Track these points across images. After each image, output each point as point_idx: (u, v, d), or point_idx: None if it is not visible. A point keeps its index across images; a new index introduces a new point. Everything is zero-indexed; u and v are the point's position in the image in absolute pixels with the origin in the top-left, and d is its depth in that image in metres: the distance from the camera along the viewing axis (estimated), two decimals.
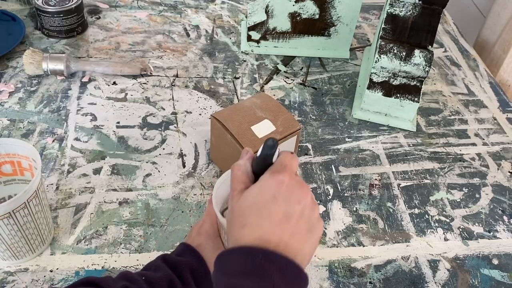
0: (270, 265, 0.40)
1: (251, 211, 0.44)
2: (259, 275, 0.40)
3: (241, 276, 0.40)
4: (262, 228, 0.42)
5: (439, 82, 1.08)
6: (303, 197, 0.45)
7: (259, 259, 0.40)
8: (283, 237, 0.42)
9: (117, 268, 0.69)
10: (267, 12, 1.03)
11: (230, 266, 0.42)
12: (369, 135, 0.94)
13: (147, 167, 0.83)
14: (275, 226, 0.43)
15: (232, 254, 0.42)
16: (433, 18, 0.91)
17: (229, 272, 0.41)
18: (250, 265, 0.40)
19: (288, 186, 0.45)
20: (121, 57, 1.05)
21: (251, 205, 0.44)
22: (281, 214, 0.43)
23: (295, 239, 0.43)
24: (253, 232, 0.42)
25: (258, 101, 0.80)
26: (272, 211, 0.43)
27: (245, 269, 0.40)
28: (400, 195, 0.83)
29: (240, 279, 0.40)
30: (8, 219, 0.60)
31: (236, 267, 0.41)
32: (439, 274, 0.73)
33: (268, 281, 0.39)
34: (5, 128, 0.87)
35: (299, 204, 0.45)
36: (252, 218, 0.43)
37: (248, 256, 0.41)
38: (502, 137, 0.96)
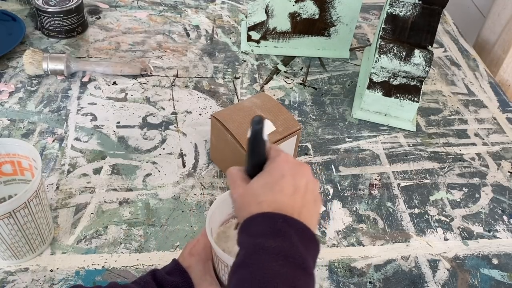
0: (289, 228, 0.45)
1: (264, 189, 0.48)
2: (280, 235, 0.44)
3: (265, 236, 0.45)
4: (277, 201, 0.47)
5: (439, 82, 1.09)
6: (306, 172, 0.50)
7: (280, 222, 0.45)
8: (295, 207, 0.47)
9: (117, 268, 0.69)
10: (267, 12, 1.03)
11: (253, 228, 0.46)
12: (369, 135, 0.94)
13: (147, 167, 0.83)
14: (288, 198, 0.47)
15: (255, 219, 0.47)
16: (433, 18, 0.91)
17: (253, 233, 0.46)
18: (272, 227, 0.45)
19: (292, 163, 0.50)
20: (121, 57, 1.05)
21: (263, 185, 0.48)
22: (291, 188, 0.48)
23: (305, 210, 0.48)
24: (271, 205, 0.47)
25: (258, 101, 0.80)
26: (284, 186, 0.48)
27: (267, 231, 0.45)
28: (400, 195, 0.83)
29: (264, 238, 0.45)
30: (8, 219, 0.60)
31: (259, 229, 0.46)
32: (439, 274, 0.73)
33: (289, 241, 0.44)
34: (5, 128, 0.87)
35: (303, 178, 0.49)
36: (266, 194, 0.48)
37: (270, 220, 0.46)
38: (502, 137, 0.96)
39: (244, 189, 0.50)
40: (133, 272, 0.69)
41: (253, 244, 0.45)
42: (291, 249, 0.44)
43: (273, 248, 0.44)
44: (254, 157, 0.51)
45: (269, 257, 0.43)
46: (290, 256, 0.43)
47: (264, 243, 0.44)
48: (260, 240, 0.45)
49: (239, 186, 0.50)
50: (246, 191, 0.49)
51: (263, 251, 0.44)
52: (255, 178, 0.50)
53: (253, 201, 0.48)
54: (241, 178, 0.51)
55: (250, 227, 0.47)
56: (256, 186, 0.49)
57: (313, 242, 0.47)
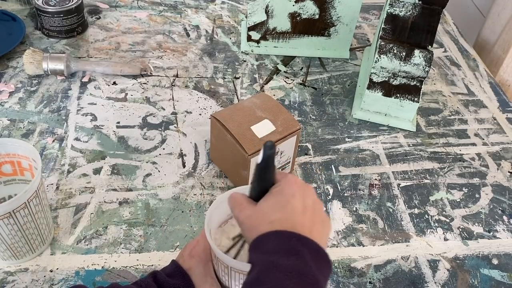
0: (302, 247, 0.45)
1: (275, 209, 0.48)
2: (294, 254, 0.45)
3: (278, 254, 0.45)
4: (289, 220, 0.47)
5: (439, 82, 1.08)
6: (312, 193, 0.51)
7: (294, 241, 0.46)
8: (306, 226, 0.48)
9: (117, 268, 0.69)
10: (267, 12, 1.03)
11: (267, 246, 0.46)
12: (369, 135, 0.94)
13: (147, 167, 0.83)
14: (299, 217, 0.48)
15: (269, 236, 0.47)
16: (433, 18, 0.91)
17: (267, 251, 0.46)
18: (286, 245, 0.45)
19: (300, 184, 0.50)
20: (121, 57, 1.05)
21: (273, 205, 0.49)
22: (301, 207, 0.49)
23: (315, 230, 0.48)
24: (283, 224, 0.47)
25: (258, 101, 0.80)
26: (294, 205, 0.48)
27: (281, 249, 0.45)
28: (400, 195, 0.83)
29: (278, 256, 0.45)
30: (8, 219, 0.60)
31: (273, 247, 0.46)
32: (439, 274, 0.73)
33: (302, 260, 0.44)
34: (5, 128, 0.87)
35: (310, 199, 0.50)
36: (278, 214, 0.48)
37: (283, 238, 0.46)
38: (502, 137, 0.96)
39: (252, 210, 0.49)
40: (133, 272, 0.69)
41: (267, 262, 0.45)
42: (305, 268, 0.44)
43: (287, 266, 0.44)
44: (264, 182, 0.50)
45: (283, 275, 0.43)
46: (304, 275, 0.44)
47: (278, 260, 0.44)
48: (274, 258, 0.44)
49: (245, 208, 0.50)
50: (255, 212, 0.49)
51: (277, 269, 0.44)
52: (263, 199, 0.50)
53: (264, 221, 0.48)
54: (247, 201, 0.51)
55: (264, 245, 0.46)
56: (266, 206, 0.49)
57: (325, 261, 0.47)
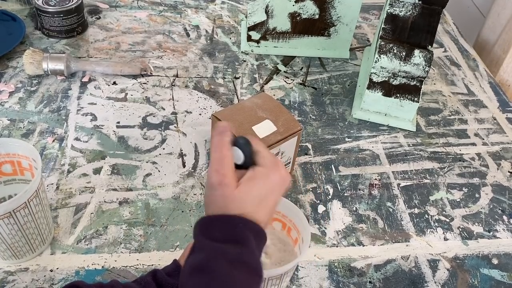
0: (248, 232, 0.47)
1: (253, 202, 0.48)
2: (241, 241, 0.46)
3: (225, 242, 0.46)
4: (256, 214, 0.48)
5: (439, 82, 1.09)
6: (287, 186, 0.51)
7: (240, 227, 0.47)
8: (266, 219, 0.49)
9: (117, 267, 0.69)
10: (267, 12, 1.04)
11: (214, 231, 0.47)
12: (369, 135, 0.94)
13: (147, 167, 0.83)
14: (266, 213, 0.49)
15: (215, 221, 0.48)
16: (433, 18, 0.91)
17: (214, 237, 0.46)
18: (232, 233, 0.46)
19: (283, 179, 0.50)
20: (121, 57, 1.05)
21: (254, 197, 0.48)
22: (273, 204, 0.50)
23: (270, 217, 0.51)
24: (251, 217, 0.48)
25: (259, 101, 0.80)
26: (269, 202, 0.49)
27: (228, 236, 0.46)
28: (400, 195, 0.83)
29: (224, 244, 0.45)
30: (8, 219, 0.60)
31: (221, 234, 0.46)
32: (438, 273, 0.73)
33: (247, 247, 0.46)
34: (5, 128, 0.87)
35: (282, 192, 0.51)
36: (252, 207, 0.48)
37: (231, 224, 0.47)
38: (502, 137, 0.96)
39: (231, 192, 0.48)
40: (133, 272, 0.69)
41: (214, 249, 0.45)
42: (250, 256, 0.46)
43: (233, 254, 0.45)
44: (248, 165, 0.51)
45: (229, 263, 0.44)
46: (248, 262, 0.45)
47: (224, 248, 0.45)
48: (220, 246, 0.45)
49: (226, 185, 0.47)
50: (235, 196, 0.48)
51: (223, 257, 0.45)
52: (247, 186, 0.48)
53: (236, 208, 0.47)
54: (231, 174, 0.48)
55: (211, 230, 0.47)
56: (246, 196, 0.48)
57: (263, 239, 0.49)
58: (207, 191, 0.49)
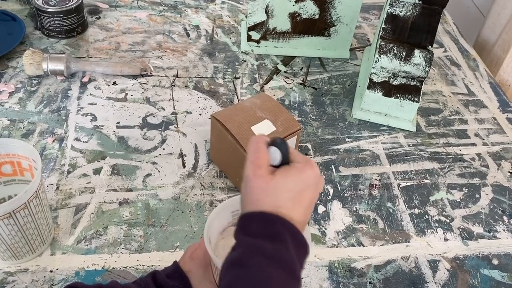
0: (286, 232, 0.46)
1: (288, 196, 0.48)
2: (278, 239, 0.46)
3: (263, 238, 0.46)
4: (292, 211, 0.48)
5: (439, 82, 1.08)
6: (322, 185, 0.53)
7: (278, 226, 0.46)
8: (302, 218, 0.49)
9: (117, 268, 0.69)
10: (267, 12, 1.03)
11: (252, 227, 0.47)
12: (369, 135, 0.94)
13: (147, 167, 0.83)
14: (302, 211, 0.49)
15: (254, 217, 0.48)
16: (433, 18, 0.91)
17: (252, 233, 0.47)
18: (271, 230, 0.46)
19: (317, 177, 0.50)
20: (121, 57, 1.05)
21: (288, 191, 0.48)
22: (308, 201, 0.49)
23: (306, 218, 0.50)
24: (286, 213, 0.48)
25: (258, 101, 0.80)
26: (304, 198, 0.49)
27: (266, 233, 0.46)
28: (400, 195, 0.83)
29: (262, 240, 0.46)
30: (8, 219, 0.60)
31: (258, 230, 0.47)
32: (439, 274, 0.73)
33: (284, 246, 0.46)
34: (5, 128, 0.87)
35: (317, 192, 0.51)
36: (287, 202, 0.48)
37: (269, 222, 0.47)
38: (502, 137, 0.96)
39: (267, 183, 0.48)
40: (133, 273, 0.69)
41: (251, 245, 0.45)
42: (286, 254, 0.45)
43: (270, 251, 0.45)
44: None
45: (266, 260, 0.44)
46: (285, 261, 0.45)
47: (262, 244, 0.45)
48: (258, 241, 0.45)
49: (261, 176, 0.48)
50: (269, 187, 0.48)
51: (261, 253, 0.45)
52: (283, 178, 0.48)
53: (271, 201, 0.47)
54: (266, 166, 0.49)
55: (250, 225, 0.47)
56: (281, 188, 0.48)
57: (303, 246, 0.48)
58: (243, 184, 0.50)
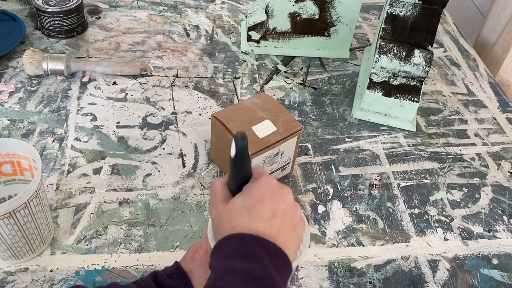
0: (260, 249, 0.45)
1: (241, 213, 0.47)
2: (250, 257, 0.44)
3: (234, 258, 0.44)
4: (252, 226, 0.46)
5: (439, 82, 1.08)
6: (285, 196, 0.49)
7: (250, 244, 0.45)
8: (271, 232, 0.46)
9: (117, 268, 0.69)
10: (267, 12, 1.03)
11: (224, 250, 0.46)
12: (369, 135, 0.94)
13: (147, 167, 0.83)
14: (264, 224, 0.47)
15: (226, 241, 0.46)
16: (433, 18, 0.91)
17: (223, 256, 0.45)
18: (242, 249, 0.45)
19: (272, 187, 0.49)
20: (121, 57, 1.05)
21: (240, 208, 0.48)
22: (268, 213, 0.47)
23: (282, 235, 0.47)
24: (244, 229, 0.46)
25: (258, 101, 0.80)
26: (261, 211, 0.47)
27: (237, 252, 0.45)
28: (400, 195, 0.83)
29: (233, 260, 0.44)
30: (8, 219, 0.60)
31: (230, 251, 0.45)
32: (439, 274, 0.73)
33: (258, 263, 0.44)
34: (5, 128, 0.87)
35: (282, 203, 0.49)
36: (242, 219, 0.47)
37: (240, 241, 0.45)
38: (502, 137, 0.96)
39: (222, 209, 0.49)
40: (133, 272, 0.69)
41: (222, 267, 0.44)
42: (261, 271, 0.43)
43: (241, 269, 0.43)
44: (239, 174, 0.50)
45: (238, 279, 0.42)
46: (260, 278, 0.43)
47: (233, 265, 0.44)
48: (229, 262, 0.44)
49: (218, 205, 0.50)
50: (223, 212, 0.49)
51: (232, 273, 0.43)
52: (233, 200, 0.49)
53: (228, 224, 0.47)
54: (222, 197, 0.50)
55: (221, 249, 0.46)
56: (233, 208, 0.48)
57: (285, 262, 0.46)
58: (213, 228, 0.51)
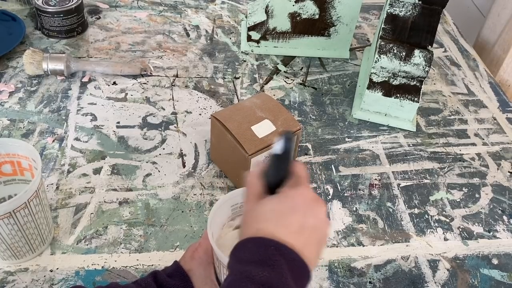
0: (280, 257, 0.43)
1: (269, 217, 0.46)
2: (270, 264, 0.42)
3: (253, 264, 0.43)
4: (277, 234, 0.45)
5: (439, 82, 1.08)
6: (319, 212, 0.48)
7: (271, 250, 0.43)
8: (295, 245, 0.44)
9: (117, 268, 0.69)
10: (267, 12, 1.03)
11: (244, 253, 0.44)
12: (369, 135, 0.94)
13: (147, 167, 0.83)
14: (289, 234, 0.45)
15: (248, 243, 0.45)
16: (433, 18, 0.91)
17: (243, 259, 0.44)
18: (262, 255, 0.43)
19: (307, 200, 0.47)
20: (121, 57, 1.05)
21: (270, 211, 0.46)
22: (297, 225, 0.45)
23: (307, 250, 0.45)
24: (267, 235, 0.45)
25: (258, 101, 0.80)
26: (289, 221, 0.45)
27: (257, 258, 0.43)
28: (400, 195, 0.83)
29: (252, 266, 0.43)
30: (8, 219, 0.60)
31: (249, 255, 0.44)
32: (439, 274, 0.73)
33: (277, 272, 0.42)
34: (5, 128, 0.87)
35: (314, 218, 0.47)
36: (268, 223, 0.45)
37: (261, 246, 0.44)
38: (502, 137, 0.96)
39: (252, 206, 0.48)
40: (133, 272, 0.69)
41: (241, 272, 0.43)
42: (279, 281, 0.42)
43: (260, 278, 0.42)
44: (279, 172, 0.49)
45: (255, 287, 0.41)
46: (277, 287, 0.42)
47: (252, 271, 0.42)
48: (248, 268, 0.43)
49: (250, 201, 0.48)
50: (252, 210, 0.47)
51: (249, 280, 0.42)
52: (265, 201, 0.47)
53: (254, 225, 0.46)
54: (255, 192, 0.49)
55: (241, 251, 0.45)
56: (262, 210, 0.47)
57: (304, 274, 0.44)
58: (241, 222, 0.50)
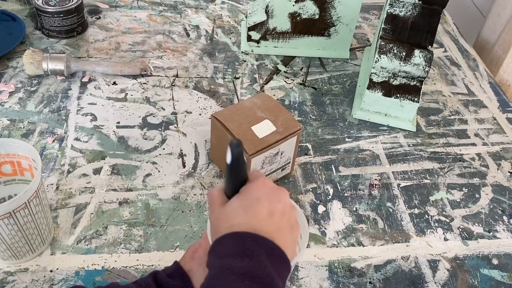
0: (258, 247, 0.44)
1: (237, 213, 0.47)
2: (248, 255, 0.44)
3: (232, 256, 0.44)
4: (250, 225, 0.46)
5: (439, 82, 1.08)
6: (282, 197, 0.50)
7: (249, 241, 0.44)
8: (269, 231, 0.46)
9: (117, 268, 0.69)
10: (267, 12, 1.03)
11: (221, 249, 0.46)
12: (369, 135, 0.94)
13: (147, 167, 0.83)
14: (261, 222, 0.47)
15: (223, 239, 0.46)
16: (433, 18, 0.91)
17: (221, 254, 0.45)
18: (240, 247, 0.44)
19: (268, 187, 0.49)
20: (121, 57, 1.05)
21: (236, 208, 0.48)
22: (265, 212, 0.47)
23: (280, 235, 0.47)
24: (242, 227, 0.46)
25: (258, 101, 0.80)
26: (257, 210, 0.47)
27: (235, 251, 0.44)
28: (400, 195, 0.83)
29: (231, 259, 0.44)
30: (8, 219, 0.60)
31: (228, 249, 0.45)
32: (439, 274, 0.73)
33: (256, 261, 0.43)
34: (5, 128, 0.87)
35: (280, 203, 0.49)
36: (239, 218, 0.47)
37: (238, 239, 0.45)
38: (502, 137, 0.96)
39: (219, 212, 0.49)
40: (133, 273, 0.69)
41: (220, 265, 0.44)
42: (259, 269, 0.43)
43: (239, 268, 0.43)
44: (235, 179, 0.50)
45: (236, 277, 0.42)
46: (258, 276, 0.43)
47: (231, 263, 0.43)
48: (227, 261, 0.44)
49: (215, 209, 0.50)
50: (220, 214, 0.49)
51: (230, 271, 0.43)
52: (230, 201, 0.49)
53: (225, 224, 0.47)
54: (219, 202, 0.50)
55: (218, 248, 0.46)
56: (230, 209, 0.48)
57: (283, 261, 0.46)
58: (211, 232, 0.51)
